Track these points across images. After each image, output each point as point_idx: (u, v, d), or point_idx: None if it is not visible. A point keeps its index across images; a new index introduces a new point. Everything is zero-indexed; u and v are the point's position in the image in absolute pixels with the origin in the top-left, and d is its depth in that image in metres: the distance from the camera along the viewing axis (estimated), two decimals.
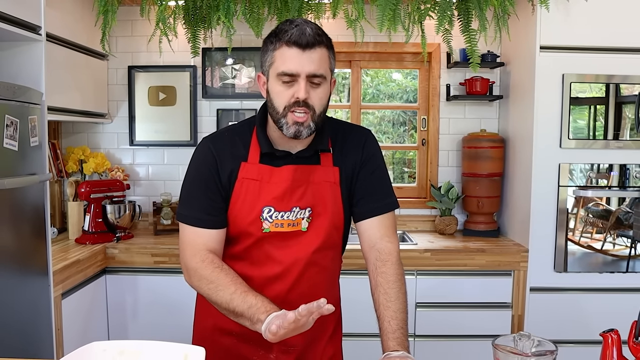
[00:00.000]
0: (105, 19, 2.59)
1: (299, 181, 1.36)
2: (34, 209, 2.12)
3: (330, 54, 1.31)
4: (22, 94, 1.97)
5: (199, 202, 1.38)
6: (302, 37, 1.24)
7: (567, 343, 2.66)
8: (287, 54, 1.25)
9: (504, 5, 2.53)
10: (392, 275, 1.35)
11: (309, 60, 1.25)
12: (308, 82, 1.26)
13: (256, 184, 1.36)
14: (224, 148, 1.38)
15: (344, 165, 1.42)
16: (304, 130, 1.29)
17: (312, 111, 1.29)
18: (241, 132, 1.42)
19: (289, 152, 1.38)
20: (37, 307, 2.14)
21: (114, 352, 1.14)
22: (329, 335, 1.50)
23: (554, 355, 0.96)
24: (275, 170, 1.36)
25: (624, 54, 2.67)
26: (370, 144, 1.46)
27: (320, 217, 1.38)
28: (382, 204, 1.43)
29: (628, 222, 2.76)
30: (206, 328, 1.49)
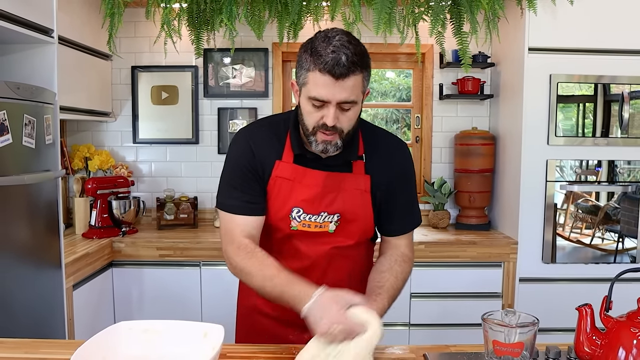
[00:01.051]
0: (111, 21, 2.68)
1: (329, 187, 1.39)
2: (47, 205, 2.22)
3: (364, 76, 1.29)
4: (39, 95, 2.07)
5: (237, 190, 1.41)
6: (336, 68, 1.22)
7: (554, 331, 2.79)
8: (320, 81, 1.24)
9: (494, 8, 2.64)
10: (407, 274, 1.46)
11: (340, 89, 1.24)
12: (338, 108, 1.27)
13: (289, 183, 1.40)
14: (261, 143, 1.42)
15: (376, 174, 1.43)
16: (331, 148, 1.32)
17: (340, 132, 1.31)
18: (277, 129, 1.45)
19: (319, 156, 1.39)
20: (51, 297, 2.24)
21: (138, 331, 1.25)
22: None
23: (536, 326, 1.08)
24: (308, 172, 1.39)
25: (608, 55, 2.81)
26: (406, 160, 1.49)
27: (350, 223, 1.41)
28: (410, 221, 1.51)
29: (616, 217, 2.90)
30: (247, 307, 1.57)
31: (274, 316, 1.50)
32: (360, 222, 1.44)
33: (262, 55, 3.34)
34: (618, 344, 1.02)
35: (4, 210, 1.92)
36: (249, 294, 1.55)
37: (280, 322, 1.50)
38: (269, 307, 1.48)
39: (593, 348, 1.06)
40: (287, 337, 1.48)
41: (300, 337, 1.47)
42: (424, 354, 1.29)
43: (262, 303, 1.50)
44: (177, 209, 3.23)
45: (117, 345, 1.20)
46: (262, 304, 1.51)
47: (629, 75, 2.80)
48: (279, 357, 1.29)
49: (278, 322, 1.50)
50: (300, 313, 1.22)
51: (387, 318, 2.88)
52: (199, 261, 2.86)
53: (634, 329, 1.01)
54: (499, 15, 2.69)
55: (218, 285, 2.84)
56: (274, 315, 1.50)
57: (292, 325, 1.46)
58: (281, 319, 1.49)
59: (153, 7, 2.70)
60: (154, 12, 2.73)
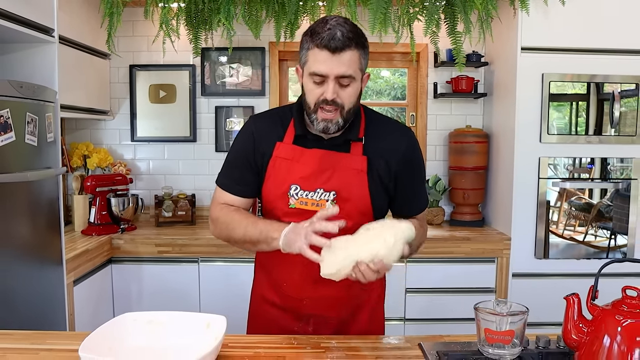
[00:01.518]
0: (110, 20, 2.72)
1: (325, 165, 1.45)
2: (49, 201, 2.25)
3: (361, 54, 1.36)
4: (41, 93, 2.10)
5: (232, 172, 1.55)
6: (332, 42, 1.31)
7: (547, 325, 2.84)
8: (318, 56, 1.33)
9: (487, 9, 2.70)
10: (424, 234, 1.56)
11: (338, 63, 1.32)
12: (337, 83, 1.35)
13: (287, 162, 1.47)
14: (265, 127, 1.52)
15: (375, 156, 1.47)
16: (332, 126, 1.39)
17: (341, 108, 1.38)
18: (284, 114, 1.54)
19: (321, 137, 1.47)
20: (52, 293, 2.28)
21: (143, 322, 1.30)
22: (370, 310, 1.60)
23: (525, 315, 1.13)
24: (305, 151, 1.46)
25: (599, 54, 2.86)
26: (412, 144, 1.52)
27: (345, 202, 1.43)
28: (419, 205, 1.58)
29: (609, 214, 2.95)
30: (258, 297, 1.63)
31: (280, 305, 1.56)
32: (355, 202, 1.46)
33: (259, 54, 3.38)
34: (603, 331, 1.07)
35: (7, 207, 1.95)
36: (258, 285, 1.63)
37: (286, 312, 1.55)
38: (276, 296, 1.55)
39: (580, 335, 1.10)
40: (292, 328, 1.54)
41: (305, 329, 1.53)
42: (419, 344, 1.34)
43: (270, 293, 1.57)
44: (175, 206, 3.27)
45: (122, 335, 1.25)
46: (270, 294, 1.57)
47: (620, 74, 2.86)
48: (279, 347, 1.33)
49: (284, 312, 1.56)
50: (280, 246, 1.34)
51: None
52: (197, 257, 2.90)
53: (618, 317, 1.06)
54: (492, 15, 2.74)
55: (216, 281, 2.88)
56: (279, 305, 1.56)
57: (296, 316, 1.53)
58: (286, 309, 1.55)
59: (152, 6, 2.74)
60: (152, 11, 2.77)
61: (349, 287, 1.49)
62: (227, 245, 2.83)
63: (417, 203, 1.58)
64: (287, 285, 1.53)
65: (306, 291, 1.50)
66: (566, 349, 1.23)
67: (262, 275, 1.63)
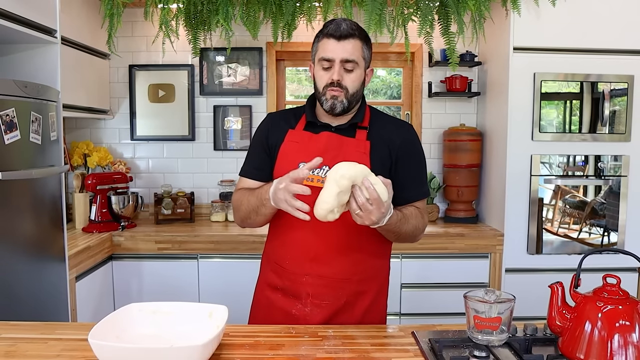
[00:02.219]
0: (111, 21, 2.77)
1: (331, 146, 1.59)
2: (52, 199, 2.31)
3: (363, 45, 1.57)
4: (44, 93, 2.16)
5: (250, 159, 1.72)
6: (337, 31, 1.53)
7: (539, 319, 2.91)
8: (326, 44, 1.55)
9: (480, 9, 2.76)
10: (420, 221, 1.61)
11: (342, 49, 1.53)
12: (342, 67, 1.54)
13: (297, 145, 1.62)
14: (279, 120, 1.71)
15: (378, 142, 1.61)
16: (338, 104, 1.56)
17: (346, 91, 1.56)
18: (297, 110, 1.73)
19: (329, 125, 1.63)
20: (55, 288, 2.33)
21: (148, 312, 1.35)
22: (368, 303, 1.65)
23: (512, 302, 1.19)
24: (314, 135, 1.63)
25: (589, 54, 2.93)
26: (411, 136, 1.67)
27: None
28: (418, 192, 1.65)
29: (602, 212, 3.02)
30: (261, 285, 1.74)
31: (280, 287, 1.65)
32: None
33: (256, 54, 3.44)
34: (585, 317, 1.13)
35: (12, 203, 2.01)
36: (262, 271, 1.74)
37: (286, 294, 1.64)
38: (277, 279, 1.66)
39: (563, 321, 1.17)
40: (290, 311, 1.62)
41: (303, 311, 1.60)
42: (413, 332, 1.40)
43: (273, 277, 1.67)
44: (175, 204, 3.32)
45: (129, 324, 1.30)
46: (272, 277, 1.68)
47: (610, 73, 2.93)
48: (278, 336, 1.39)
49: (283, 294, 1.64)
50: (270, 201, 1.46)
51: None
52: (196, 254, 2.96)
53: (599, 303, 1.12)
54: (484, 16, 2.81)
55: (215, 278, 2.94)
56: (280, 286, 1.65)
57: (296, 295, 1.62)
58: (286, 290, 1.64)
59: (151, 7, 2.79)
60: (152, 12, 2.82)
61: (347, 270, 1.60)
62: (226, 242, 2.91)
63: (416, 190, 1.65)
64: (288, 262, 1.63)
65: (305, 267, 1.60)
66: (552, 336, 1.29)
67: (267, 264, 1.73)
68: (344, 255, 1.59)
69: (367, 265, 1.64)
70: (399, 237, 1.57)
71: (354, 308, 1.63)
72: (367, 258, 1.64)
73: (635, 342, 1.08)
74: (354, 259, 1.61)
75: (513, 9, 2.78)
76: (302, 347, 1.32)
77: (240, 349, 1.30)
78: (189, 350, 1.13)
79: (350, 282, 1.61)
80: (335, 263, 1.59)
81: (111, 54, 3.25)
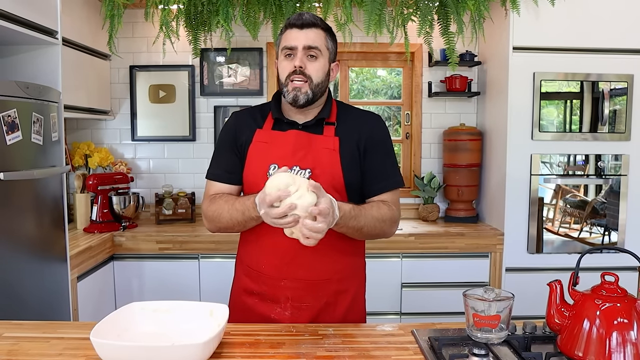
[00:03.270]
0: (111, 22, 2.78)
1: (300, 145, 1.56)
2: (53, 199, 2.32)
3: (326, 35, 1.57)
4: (46, 94, 2.17)
5: (218, 161, 1.67)
6: (299, 20, 1.54)
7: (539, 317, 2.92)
8: (289, 34, 1.55)
9: (479, 9, 2.77)
10: (386, 214, 1.56)
11: (304, 36, 1.53)
12: (305, 55, 1.53)
13: (266, 145, 1.59)
14: (245, 118, 1.67)
15: (346, 137, 1.59)
16: (301, 95, 1.54)
17: (310, 80, 1.54)
18: (263, 107, 1.70)
19: (296, 122, 1.60)
20: (57, 289, 2.34)
21: (149, 310, 1.36)
22: (348, 302, 1.64)
23: (511, 301, 1.20)
24: (282, 134, 1.59)
25: (588, 53, 2.94)
26: (379, 127, 1.65)
27: (319, 178, 1.50)
28: (388, 182, 1.62)
29: (603, 212, 3.03)
30: (236, 290, 1.72)
31: (258, 292, 1.63)
32: (329, 178, 1.54)
33: (256, 54, 3.45)
34: (584, 315, 1.13)
35: (14, 204, 2.02)
36: (238, 277, 1.72)
37: (264, 299, 1.62)
38: (254, 284, 1.63)
39: (562, 319, 1.17)
40: (269, 315, 1.60)
41: (282, 315, 1.59)
42: (412, 330, 1.41)
43: (249, 282, 1.65)
44: (175, 204, 3.33)
45: (130, 323, 1.31)
46: (248, 283, 1.65)
47: (610, 73, 2.94)
48: (279, 335, 1.40)
49: (261, 299, 1.62)
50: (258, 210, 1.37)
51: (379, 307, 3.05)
52: (197, 254, 2.97)
53: (597, 301, 1.13)
54: (484, 15, 2.82)
55: (216, 277, 2.95)
56: (258, 292, 1.63)
57: (274, 300, 1.60)
58: (265, 295, 1.61)
59: (152, 8, 2.80)
60: (152, 13, 2.83)
61: (327, 270, 1.59)
62: (227, 242, 2.91)
63: (384, 181, 1.62)
64: (265, 266, 1.60)
65: (283, 271, 1.58)
66: (551, 334, 1.30)
67: (241, 267, 1.70)
68: (321, 256, 1.56)
69: (345, 263, 1.63)
70: (361, 233, 1.52)
71: (335, 308, 1.63)
72: (344, 256, 1.63)
73: (634, 339, 1.08)
74: (332, 259, 1.60)
75: (512, 8, 2.79)
76: (302, 345, 1.33)
77: (241, 347, 1.30)
78: (190, 348, 1.14)
79: (330, 282, 1.60)
80: (313, 265, 1.57)
81: (112, 55, 3.26)
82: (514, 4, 2.77)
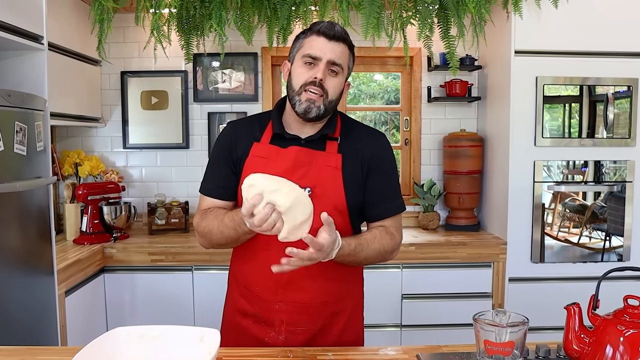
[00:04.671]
0: (101, 27, 2.69)
1: (301, 162, 1.46)
2: (39, 211, 2.22)
3: (350, 54, 1.48)
4: (30, 102, 2.07)
5: (212, 175, 1.57)
6: (331, 30, 1.43)
7: (544, 329, 2.83)
8: (315, 41, 1.43)
9: (480, 12, 2.69)
10: (388, 244, 1.49)
11: (332, 49, 1.42)
12: (328, 68, 1.43)
13: (263, 161, 1.48)
14: (242, 130, 1.55)
15: (349, 154, 1.50)
16: (314, 108, 1.43)
17: (326, 95, 1.44)
18: (262, 117, 1.58)
19: (298, 137, 1.50)
20: (43, 304, 2.24)
21: (136, 336, 1.26)
22: (344, 322, 1.56)
23: (526, 326, 1.11)
24: (281, 150, 1.48)
25: (592, 57, 2.86)
26: (383, 147, 1.56)
27: (319, 197, 1.42)
28: (390, 206, 1.54)
29: (603, 216, 2.95)
30: (230, 310, 1.63)
31: (251, 313, 1.54)
32: (330, 197, 1.46)
33: (251, 59, 3.36)
34: (605, 342, 1.05)
35: None
36: (230, 297, 1.62)
37: (258, 321, 1.53)
38: (248, 305, 1.54)
39: (581, 346, 1.09)
40: (263, 339, 1.52)
41: (276, 339, 1.51)
42: (417, 355, 1.32)
43: (242, 302, 1.56)
44: (168, 214, 3.24)
45: (115, 350, 1.21)
46: (242, 303, 1.56)
47: (613, 76, 2.86)
48: None
49: (255, 321, 1.54)
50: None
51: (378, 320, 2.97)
52: (191, 266, 2.87)
53: (620, 327, 1.04)
54: (485, 19, 2.74)
55: (210, 290, 2.85)
56: (251, 313, 1.54)
57: (268, 323, 1.51)
58: (258, 317, 1.53)
59: (142, 12, 2.71)
60: (143, 17, 2.74)
61: (323, 293, 1.50)
62: (221, 253, 2.82)
63: (387, 205, 1.54)
64: (259, 288, 1.52)
65: (278, 294, 1.49)
66: (566, 358, 1.21)
67: (234, 286, 1.61)
68: (318, 278, 1.48)
69: (342, 284, 1.55)
70: (359, 264, 1.48)
71: (331, 330, 1.54)
72: (342, 277, 1.55)
73: None
74: (329, 281, 1.51)
75: (514, 11, 2.71)
76: None
77: None
78: None
79: (327, 304, 1.52)
80: (310, 287, 1.48)
81: (102, 61, 3.17)
82: (516, 6, 2.69)
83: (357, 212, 1.53)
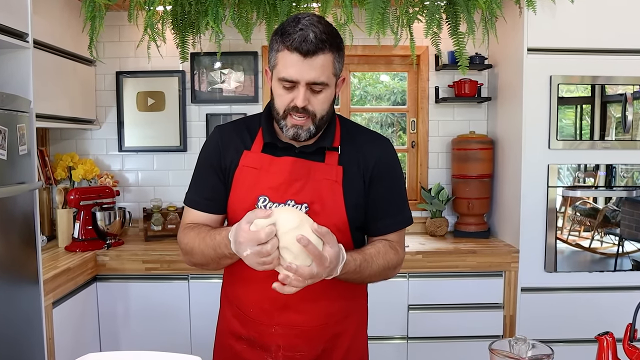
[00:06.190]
0: (92, 25, 2.57)
1: (297, 174, 1.33)
2: (23, 218, 2.09)
3: (335, 58, 1.26)
4: (10, 102, 1.95)
5: (197, 184, 1.44)
6: (304, 45, 1.20)
7: (558, 342, 2.68)
8: (288, 60, 1.22)
9: (491, 8, 2.54)
10: (392, 259, 1.37)
11: (309, 68, 1.21)
12: (309, 89, 1.25)
13: (255, 172, 1.35)
14: (231, 136, 1.41)
15: (350, 165, 1.36)
16: (302, 133, 1.29)
17: (313, 115, 1.28)
18: (252, 122, 1.44)
19: (292, 145, 1.36)
20: (28, 316, 2.12)
21: None
22: (347, 344, 1.44)
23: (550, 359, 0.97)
24: (275, 160, 1.35)
25: (610, 55, 2.71)
26: (388, 154, 1.41)
27: (319, 215, 1.29)
28: (395, 219, 1.41)
29: (615, 220, 2.79)
30: (223, 332, 1.50)
31: (246, 337, 1.41)
32: (330, 215, 1.32)
33: (251, 59, 3.23)
34: None
35: None
36: (223, 318, 1.49)
37: (253, 345, 1.41)
38: (242, 328, 1.42)
39: None
40: None
41: None
42: None
43: (236, 325, 1.43)
44: (165, 220, 3.12)
45: None
46: (236, 326, 1.43)
47: (634, 75, 2.70)
48: None
49: (250, 346, 1.41)
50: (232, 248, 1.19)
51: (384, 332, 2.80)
52: (187, 274, 2.74)
53: None
54: (496, 14, 2.60)
55: (207, 300, 2.71)
56: (246, 337, 1.41)
57: (265, 348, 1.38)
58: (254, 341, 1.40)
59: (136, 9, 2.59)
60: (136, 15, 2.62)
61: (323, 315, 1.37)
62: None
63: (391, 218, 1.40)
64: (254, 310, 1.39)
65: (274, 317, 1.36)
66: None
67: (227, 306, 1.49)
68: (317, 300, 1.34)
69: (344, 302, 1.42)
70: (363, 280, 1.36)
71: (333, 353, 1.41)
72: (344, 295, 1.41)
73: None
74: (330, 301, 1.38)
75: (527, 6, 2.56)
76: None
77: None
78: None
79: (327, 326, 1.38)
80: (309, 310, 1.35)
81: (97, 60, 3.05)
82: (529, 1, 2.55)
83: (359, 229, 1.40)
